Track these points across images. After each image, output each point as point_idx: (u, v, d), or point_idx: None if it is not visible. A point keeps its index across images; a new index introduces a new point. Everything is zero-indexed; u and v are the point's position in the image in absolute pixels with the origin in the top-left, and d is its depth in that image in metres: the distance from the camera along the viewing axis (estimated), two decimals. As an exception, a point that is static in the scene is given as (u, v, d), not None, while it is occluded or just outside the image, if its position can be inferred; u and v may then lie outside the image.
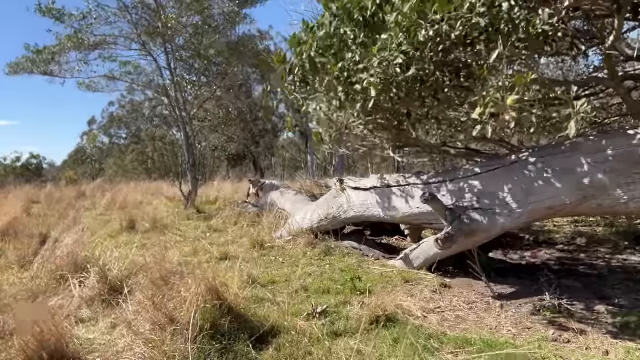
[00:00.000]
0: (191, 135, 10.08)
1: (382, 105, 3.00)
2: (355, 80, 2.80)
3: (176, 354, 1.96)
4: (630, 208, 2.64)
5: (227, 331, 2.28)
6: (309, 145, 17.30)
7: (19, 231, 4.93)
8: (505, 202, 3.13)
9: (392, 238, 5.55)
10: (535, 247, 4.82)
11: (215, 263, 3.93)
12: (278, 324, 2.48)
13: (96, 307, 2.74)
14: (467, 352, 2.20)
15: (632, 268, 3.77)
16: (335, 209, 4.74)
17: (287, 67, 3.32)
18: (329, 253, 4.40)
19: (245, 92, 18.56)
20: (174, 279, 2.51)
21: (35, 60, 8.71)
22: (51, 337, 1.98)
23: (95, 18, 8.55)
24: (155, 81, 11.17)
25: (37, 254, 3.57)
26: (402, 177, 4.11)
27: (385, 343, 2.28)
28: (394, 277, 3.51)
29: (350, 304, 2.91)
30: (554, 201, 2.90)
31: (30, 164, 25.74)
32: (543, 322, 2.69)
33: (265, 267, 3.93)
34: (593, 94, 4.10)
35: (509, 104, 2.12)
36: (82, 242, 3.62)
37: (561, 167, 2.87)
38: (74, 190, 11.14)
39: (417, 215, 3.85)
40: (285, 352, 2.15)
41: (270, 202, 7.06)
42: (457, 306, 3.03)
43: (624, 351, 2.19)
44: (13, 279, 3.25)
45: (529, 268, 3.91)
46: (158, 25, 8.55)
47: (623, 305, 2.89)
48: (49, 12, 8.29)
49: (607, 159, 2.67)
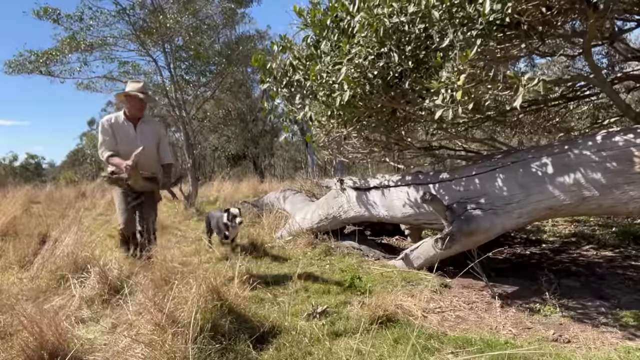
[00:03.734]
0: (191, 135, 10.08)
1: (357, 103, 3.15)
2: (333, 81, 2.97)
3: (176, 354, 1.96)
4: (630, 208, 2.65)
5: (228, 331, 2.28)
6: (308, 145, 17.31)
7: (19, 231, 4.92)
8: (505, 202, 3.13)
9: (392, 238, 5.56)
10: (533, 246, 4.83)
11: (215, 263, 3.93)
12: (278, 324, 2.48)
13: (96, 307, 2.74)
14: (468, 352, 2.20)
15: (632, 268, 3.77)
16: (335, 209, 4.74)
17: (270, 72, 3.53)
18: (329, 253, 4.40)
19: (245, 92, 18.57)
20: (174, 279, 2.51)
21: (34, 61, 8.72)
22: (51, 337, 1.98)
23: (91, 19, 8.55)
24: (154, 81, 11.15)
25: (37, 254, 3.56)
26: (401, 177, 4.11)
27: (385, 343, 2.28)
28: (394, 277, 3.51)
29: (350, 304, 2.91)
30: (554, 201, 2.90)
31: (28, 164, 25.70)
32: (543, 322, 2.69)
33: (265, 267, 3.93)
34: (594, 94, 4.10)
35: (460, 83, 2.34)
36: (82, 241, 3.62)
37: (561, 167, 2.87)
38: (73, 190, 11.13)
39: (417, 215, 3.85)
40: (286, 352, 2.15)
41: (270, 202, 7.06)
42: (457, 306, 3.03)
43: (624, 351, 2.19)
44: (13, 279, 3.25)
45: (529, 268, 3.91)
46: (156, 26, 8.55)
47: (623, 305, 2.90)
48: (46, 14, 8.29)
49: (607, 159, 2.67)
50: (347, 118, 3.46)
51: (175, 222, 6.93)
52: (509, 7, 2.40)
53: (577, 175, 2.79)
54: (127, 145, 3.48)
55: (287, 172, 24.75)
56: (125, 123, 3.63)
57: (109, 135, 3.54)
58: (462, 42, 2.50)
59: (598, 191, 2.71)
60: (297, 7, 3.25)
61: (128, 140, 3.56)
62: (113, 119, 3.61)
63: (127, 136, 3.59)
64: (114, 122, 3.60)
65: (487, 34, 2.49)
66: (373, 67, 2.87)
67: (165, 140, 3.87)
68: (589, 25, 2.68)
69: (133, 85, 3.68)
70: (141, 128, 3.67)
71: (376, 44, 2.81)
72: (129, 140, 3.55)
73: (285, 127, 4.66)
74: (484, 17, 2.39)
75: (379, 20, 2.71)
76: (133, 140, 3.54)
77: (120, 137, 3.57)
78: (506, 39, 2.96)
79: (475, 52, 2.37)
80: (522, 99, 2.22)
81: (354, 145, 4.50)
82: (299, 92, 3.41)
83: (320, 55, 3.17)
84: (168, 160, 3.86)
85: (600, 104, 5.12)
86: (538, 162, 3.02)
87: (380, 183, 4.28)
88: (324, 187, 7.36)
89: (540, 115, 4.53)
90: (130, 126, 3.63)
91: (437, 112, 2.49)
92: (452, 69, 2.49)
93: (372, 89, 2.99)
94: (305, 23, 3.31)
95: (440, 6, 2.58)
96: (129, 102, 3.65)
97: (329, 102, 3.13)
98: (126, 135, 3.59)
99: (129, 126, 3.63)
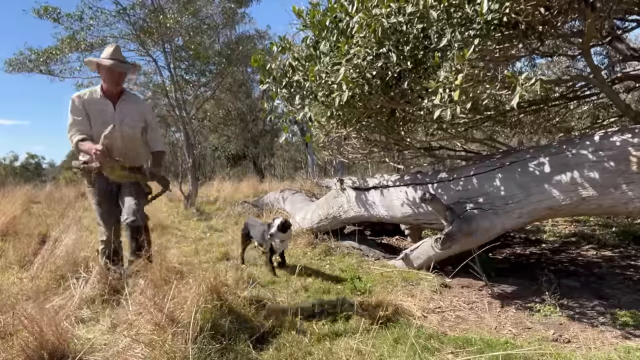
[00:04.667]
0: (191, 135, 10.08)
1: (356, 103, 3.16)
2: (332, 81, 2.96)
3: (176, 354, 1.96)
4: (630, 208, 2.65)
5: (228, 331, 2.28)
6: (308, 145, 17.32)
7: (19, 231, 4.92)
8: (505, 202, 3.13)
9: (392, 238, 5.56)
10: (533, 246, 4.83)
11: (215, 263, 3.93)
12: (278, 324, 2.48)
13: (96, 307, 2.74)
14: (468, 352, 2.20)
15: (632, 268, 3.78)
16: (335, 209, 4.74)
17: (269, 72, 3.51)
18: (329, 253, 4.40)
19: (245, 92, 18.56)
20: (174, 279, 2.50)
21: (34, 60, 8.72)
22: (51, 337, 1.98)
23: (91, 18, 8.55)
24: (154, 81, 11.16)
25: (37, 254, 3.56)
26: (401, 177, 4.11)
27: (385, 343, 2.28)
28: (394, 277, 3.51)
29: (351, 303, 2.91)
30: (554, 201, 2.90)
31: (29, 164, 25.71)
32: (543, 322, 2.69)
33: (265, 267, 3.93)
34: (593, 94, 4.10)
35: (458, 83, 2.33)
36: (82, 241, 3.62)
37: (561, 167, 2.87)
38: (73, 190, 11.12)
39: (417, 215, 3.85)
40: (286, 352, 2.15)
41: (270, 202, 7.07)
42: (457, 306, 3.03)
43: (624, 351, 2.19)
44: (13, 278, 3.24)
45: (529, 268, 3.91)
46: (156, 26, 8.55)
47: (623, 305, 2.90)
48: (46, 13, 8.29)
49: (607, 159, 2.67)
50: (347, 118, 3.47)
51: (175, 222, 6.93)
52: (506, 7, 2.41)
53: (576, 175, 2.79)
54: (103, 127, 2.74)
55: (287, 172, 24.75)
56: (102, 100, 2.94)
57: (81, 115, 2.86)
58: (460, 42, 2.51)
59: (597, 191, 2.71)
60: (297, 8, 3.25)
61: (104, 121, 2.84)
62: (87, 95, 2.94)
63: (103, 116, 2.90)
64: (88, 98, 2.92)
65: (485, 34, 2.50)
66: (372, 67, 2.88)
67: (155, 123, 3.19)
68: (587, 25, 2.68)
69: (107, 51, 2.97)
70: (121, 107, 2.98)
71: (375, 45, 2.81)
72: (105, 121, 2.84)
73: (285, 128, 4.66)
74: (482, 17, 2.39)
75: (377, 21, 2.71)
76: (110, 121, 2.83)
77: (95, 118, 2.88)
78: (504, 39, 2.96)
79: (473, 51, 2.38)
80: (520, 98, 2.22)
81: (354, 145, 4.51)
82: (298, 92, 3.40)
83: (319, 55, 3.17)
84: (158, 147, 3.15)
85: (600, 104, 5.13)
86: (537, 162, 3.02)
87: (379, 183, 4.28)
88: (324, 187, 7.37)
89: (540, 115, 4.54)
90: (108, 104, 2.94)
91: (436, 112, 2.49)
92: (450, 68, 2.49)
93: (371, 89, 2.99)
94: (304, 24, 3.31)
95: (438, 6, 2.58)
96: (102, 73, 2.94)
97: (328, 103, 3.13)
98: (101, 115, 2.90)
99: (107, 104, 2.94)
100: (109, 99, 2.96)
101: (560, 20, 3.01)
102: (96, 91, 2.96)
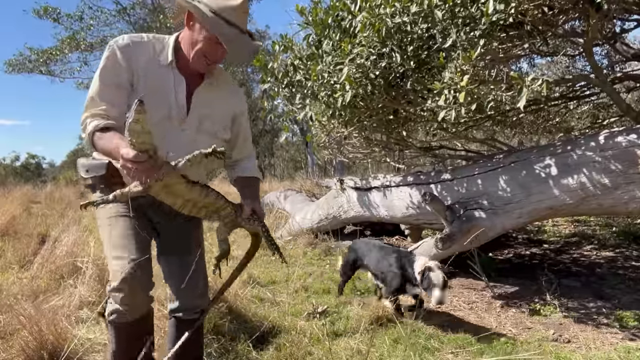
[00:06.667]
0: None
1: (359, 103, 3.15)
2: (335, 81, 2.95)
3: (176, 354, 1.95)
4: (630, 208, 2.64)
5: (227, 331, 2.28)
6: (308, 145, 17.33)
7: (19, 230, 4.92)
8: (505, 202, 3.13)
9: (392, 238, 5.56)
10: (534, 246, 4.83)
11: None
12: (278, 324, 2.48)
13: (96, 307, 2.73)
14: (468, 352, 2.20)
15: (633, 268, 3.77)
16: (335, 209, 4.74)
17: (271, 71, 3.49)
18: (329, 253, 4.40)
19: (245, 92, 18.56)
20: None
21: (34, 60, 8.73)
22: (51, 337, 1.98)
23: (91, 18, 8.56)
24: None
25: (36, 254, 3.55)
26: (402, 178, 4.11)
27: (385, 343, 2.28)
28: (394, 277, 3.51)
29: (350, 304, 2.91)
30: (554, 201, 2.90)
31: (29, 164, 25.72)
32: (543, 322, 2.69)
33: (265, 267, 3.93)
34: (594, 94, 4.10)
35: (463, 84, 2.32)
36: (82, 241, 3.61)
37: (561, 166, 2.87)
38: (73, 190, 11.12)
39: (417, 215, 3.85)
40: (286, 352, 2.14)
41: (270, 202, 7.06)
42: (457, 306, 3.04)
43: (624, 351, 2.19)
44: (13, 278, 3.24)
45: (530, 268, 3.91)
46: (156, 26, 8.55)
47: (623, 305, 2.89)
48: (46, 13, 8.30)
49: (607, 159, 2.67)
50: (348, 118, 3.45)
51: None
52: (512, 7, 2.39)
53: (577, 175, 2.78)
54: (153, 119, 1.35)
55: (287, 172, 24.75)
56: (170, 70, 1.51)
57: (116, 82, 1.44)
58: (465, 43, 2.49)
59: (598, 191, 2.71)
60: (300, 6, 3.24)
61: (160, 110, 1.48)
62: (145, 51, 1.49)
63: (162, 100, 1.49)
64: (146, 58, 1.48)
65: (490, 34, 2.48)
66: (375, 67, 2.85)
67: (248, 131, 1.78)
68: (590, 25, 2.68)
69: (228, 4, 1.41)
70: (203, 95, 1.56)
71: (378, 44, 2.79)
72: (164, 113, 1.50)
73: (285, 127, 4.66)
74: (488, 17, 2.37)
75: (381, 20, 2.69)
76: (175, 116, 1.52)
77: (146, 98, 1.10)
78: (508, 39, 2.96)
79: (479, 52, 2.36)
80: (525, 98, 2.21)
81: (355, 145, 4.50)
82: (299, 92, 3.39)
83: (321, 55, 3.15)
84: (251, 172, 1.74)
85: (600, 104, 5.12)
86: (538, 162, 3.01)
87: (380, 183, 4.28)
88: (324, 187, 7.36)
89: (540, 115, 4.53)
90: (180, 82, 1.52)
91: (440, 114, 2.48)
92: (455, 69, 2.47)
93: (374, 89, 2.97)
94: (306, 22, 3.29)
95: (443, 6, 2.56)
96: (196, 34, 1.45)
97: (330, 102, 3.12)
98: (160, 97, 1.48)
99: (178, 81, 1.52)
100: (184, 75, 1.53)
101: (561, 20, 3.00)
102: (165, 50, 1.51)
